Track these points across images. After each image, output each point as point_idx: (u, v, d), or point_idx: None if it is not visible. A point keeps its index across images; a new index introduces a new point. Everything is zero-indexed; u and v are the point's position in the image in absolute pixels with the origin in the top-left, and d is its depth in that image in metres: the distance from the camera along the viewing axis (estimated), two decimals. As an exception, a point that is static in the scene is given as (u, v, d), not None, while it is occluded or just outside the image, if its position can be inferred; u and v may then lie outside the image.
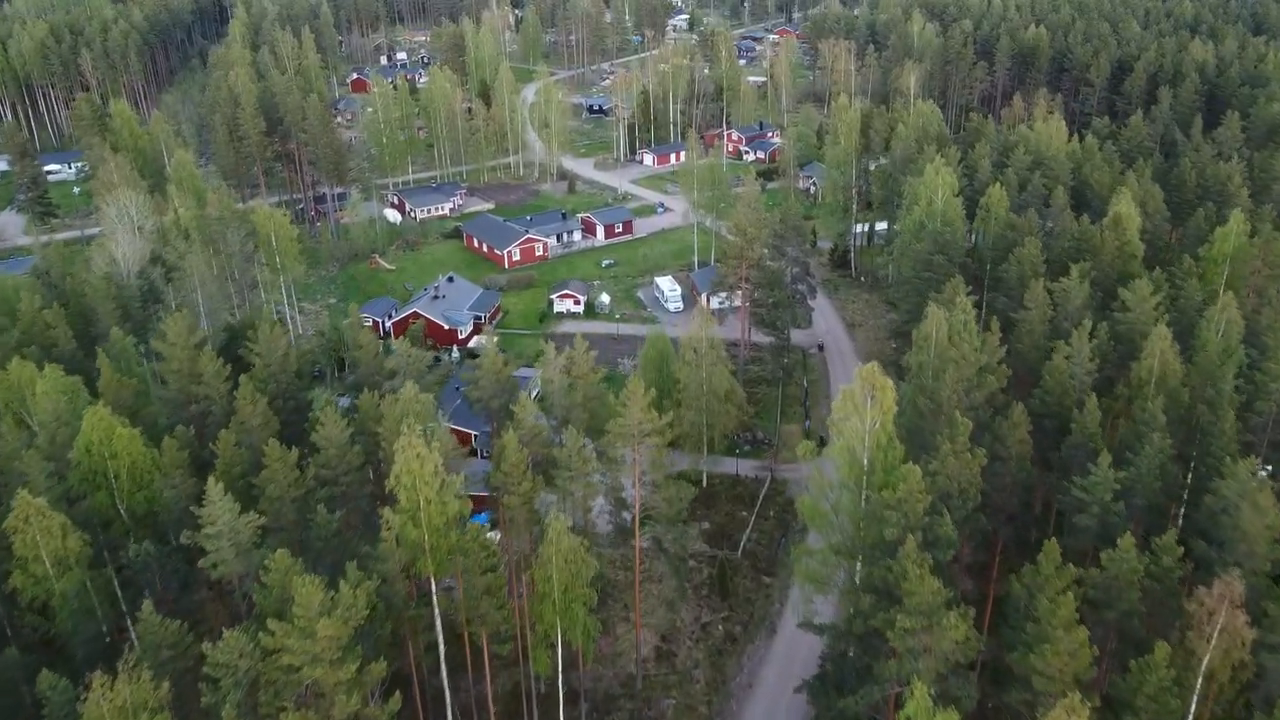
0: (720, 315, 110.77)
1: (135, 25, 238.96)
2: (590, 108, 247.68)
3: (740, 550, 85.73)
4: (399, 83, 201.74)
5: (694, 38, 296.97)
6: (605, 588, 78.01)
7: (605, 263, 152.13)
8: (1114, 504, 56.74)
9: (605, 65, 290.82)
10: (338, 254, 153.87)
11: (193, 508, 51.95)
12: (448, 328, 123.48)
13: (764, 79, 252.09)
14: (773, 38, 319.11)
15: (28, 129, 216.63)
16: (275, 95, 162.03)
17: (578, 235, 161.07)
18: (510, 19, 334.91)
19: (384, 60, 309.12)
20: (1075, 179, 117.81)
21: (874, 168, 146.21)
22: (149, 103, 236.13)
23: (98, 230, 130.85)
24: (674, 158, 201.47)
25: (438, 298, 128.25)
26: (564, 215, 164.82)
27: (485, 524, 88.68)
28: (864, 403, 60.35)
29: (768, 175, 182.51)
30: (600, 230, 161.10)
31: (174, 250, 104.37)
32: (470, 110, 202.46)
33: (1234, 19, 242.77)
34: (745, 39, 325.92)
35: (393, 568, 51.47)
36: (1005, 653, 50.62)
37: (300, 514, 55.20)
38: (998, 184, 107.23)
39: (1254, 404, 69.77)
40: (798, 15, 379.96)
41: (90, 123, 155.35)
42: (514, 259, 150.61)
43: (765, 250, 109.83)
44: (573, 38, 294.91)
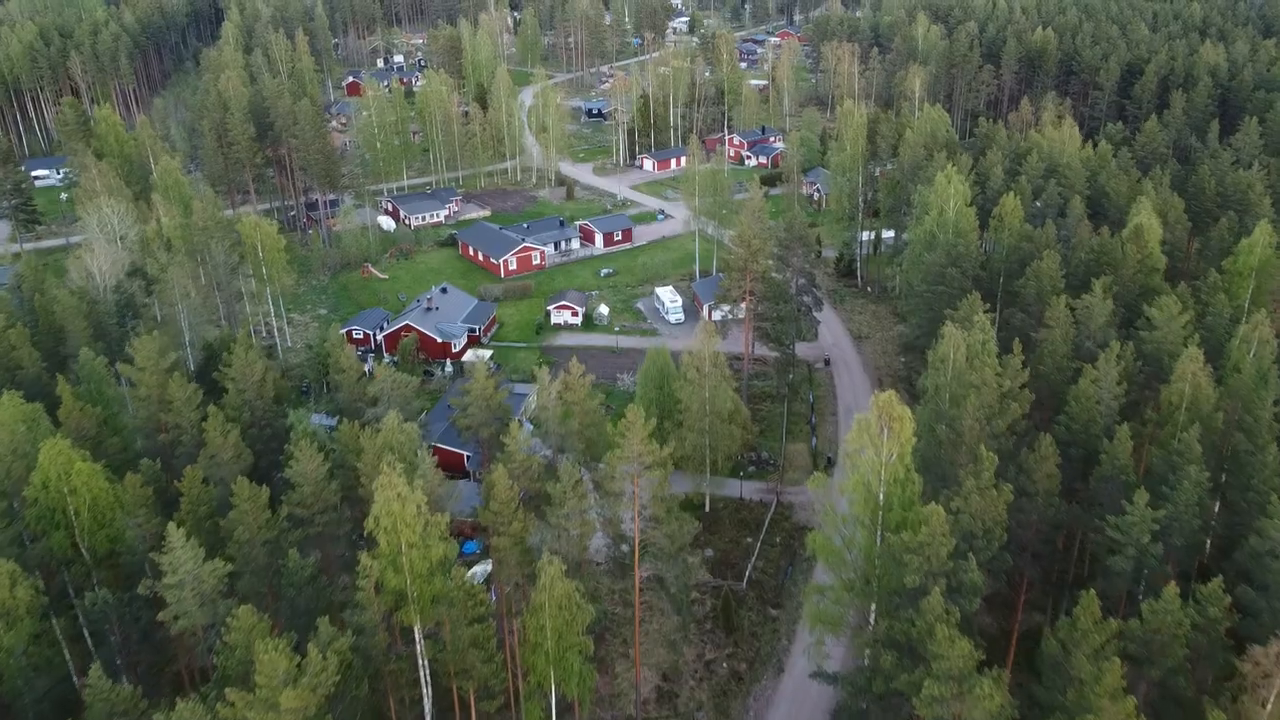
0: (723, 327, 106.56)
1: (126, 28, 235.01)
2: (589, 111, 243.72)
3: (745, 580, 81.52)
4: (394, 86, 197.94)
5: (694, 40, 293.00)
6: (603, 622, 73.86)
7: (604, 272, 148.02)
8: (1152, 545, 52.54)
9: (604, 68, 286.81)
10: (329, 262, 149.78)
11: (154, 554, 47.76)
12: (440, 341, 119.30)
13: (766, 82, 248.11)
14: (774, 40, 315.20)
15: (15, 133, 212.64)
16: (266, 99, 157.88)
17: (576, 243, 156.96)
18: (509, 21, 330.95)
19: (380, 63, 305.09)
20: (1091, 187, 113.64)
21: (879, 172, 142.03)
22: (141, 107, 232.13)
23: (82, 239, 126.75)
24: (675, 163, 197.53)
25: (430, 309, 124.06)
26: (562, 223, 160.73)
27: (477, 552, 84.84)
28: (880, 434, 56.32)
29: (770, 181, 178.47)
30: (599, 238, 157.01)
31: (155, 262, 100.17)
32: (467, 114, 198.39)
33: (1243, 21, 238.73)
34: (746, 41, 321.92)
35: (371, 619, 47.29)
36: (1039, 714, 46.39)
37: (272, 557, 50.99)
38: (1011, 193, 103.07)
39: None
40: (799, 17, 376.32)
41: (74, 128, 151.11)
42: (510, 268, 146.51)
43: (770, 262, 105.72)
44: (571, 40, 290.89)
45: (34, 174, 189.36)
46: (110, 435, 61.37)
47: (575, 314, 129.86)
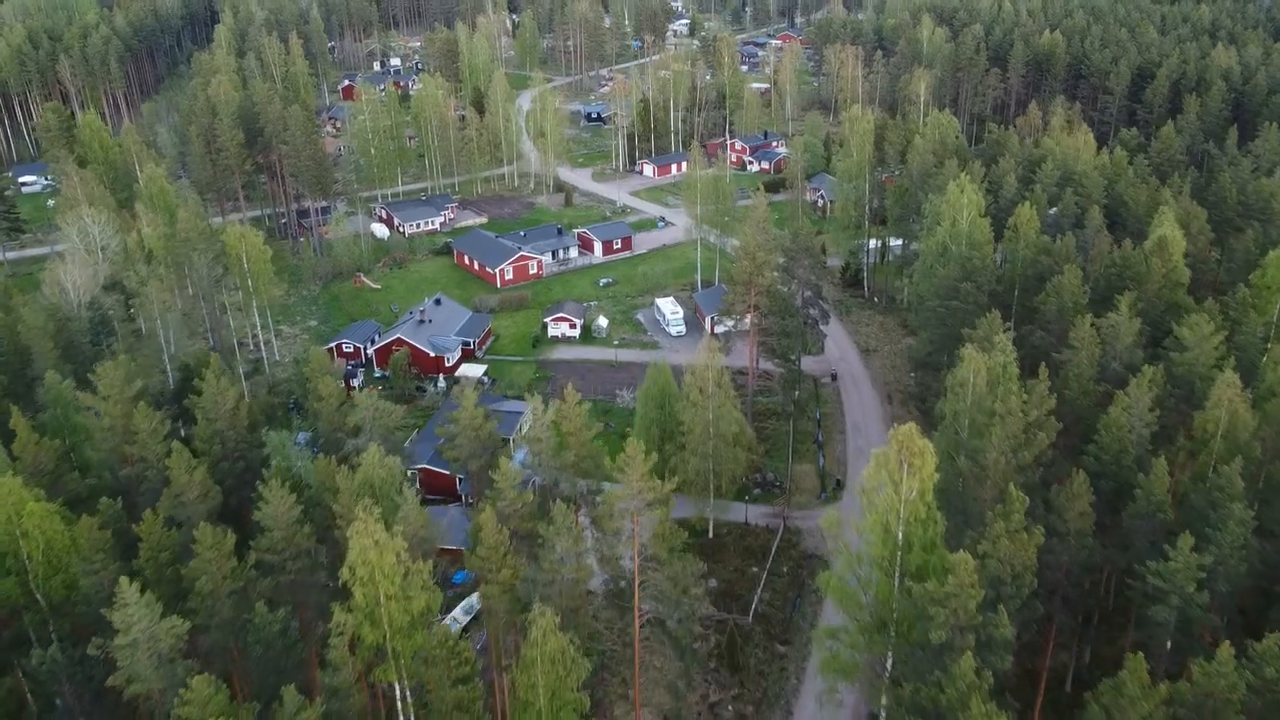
0: (726, 343, 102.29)
1: (117, 31, 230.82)
2: (588, 115, 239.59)
3: (751, 613, 77.26)
4: (389, 90, 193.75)
5: (695, 43, 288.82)
6: (600, 659, 69.69)
7: (603, 281, 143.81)
8: (1198, 594, 48.31)
9: (604, 71, 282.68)
10: (320, 272, 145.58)
11: (105, 610, 43.51)
12: (433, 355, 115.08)
13: (767, 86, 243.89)
14: (775, 43, 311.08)
15: (3, 139, 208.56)
16: (256, 104, 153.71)
17: (574, 252, 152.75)
18: (507, 24, 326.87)
19: (377, 66, 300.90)
20: (1108, 196, 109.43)
21: (885, 178, 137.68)
22: (134, 112, 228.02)
23: (62, 249, 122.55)
24: (675, 168, 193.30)
25: (423, 322, 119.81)
26: (560, 230, 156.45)
27: (467, 582, 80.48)
28: (899, 470, 52.10)
29: (773, 187, 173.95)
30: (598, 247, 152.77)
31: (134, 275, 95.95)
32: (463, 119, 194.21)
33: (1253, 24, 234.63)
34: (747, 44, 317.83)
35: (346, 680, 43.06)
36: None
37: (239, 610, 46.77)
38: (1027, 203, 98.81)
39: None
40: (800, 20, 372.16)
41: (57, 134, 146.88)
42: (507, 278, 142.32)
43: (775, 274, 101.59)
44: (570, 43, 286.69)
45: (21, 180, 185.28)
46: (70, 470, 57.15)
47: (573, 326, 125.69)
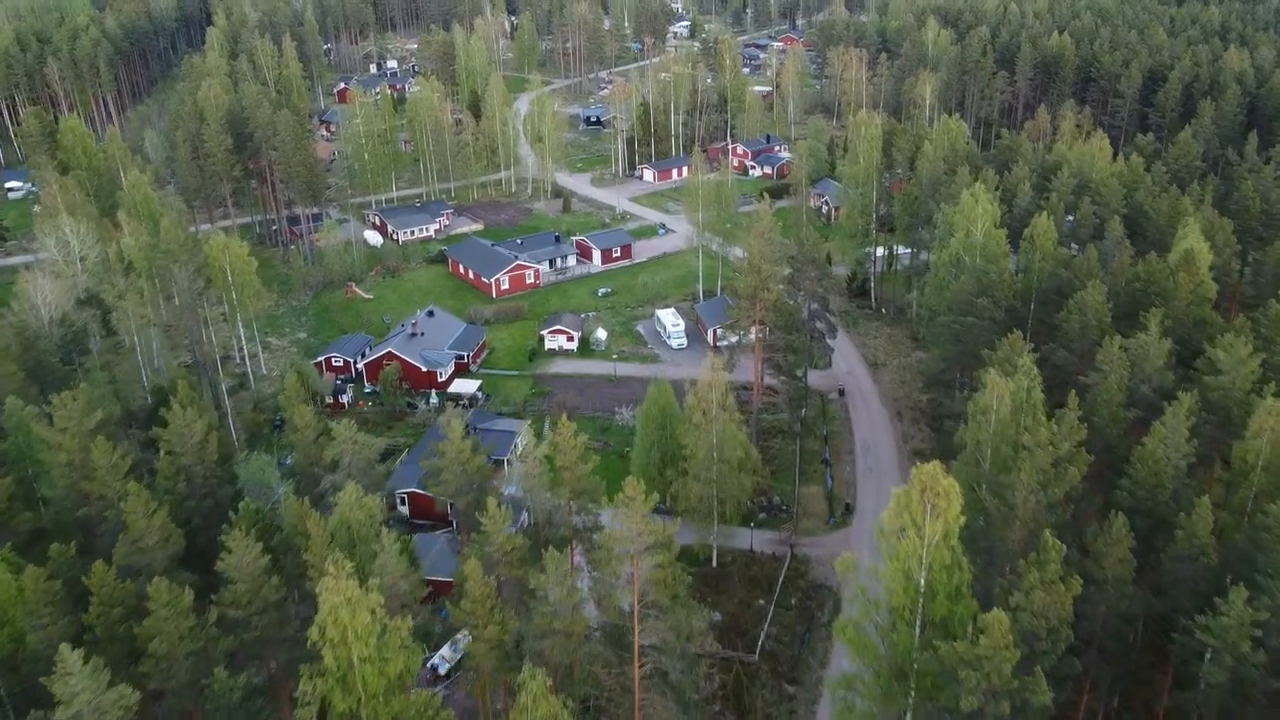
0: (729, 360, 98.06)
1: (108, 33, 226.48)
2: (587, 119, 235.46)
3: (758, 650, 72.98)
4: (383, 93, 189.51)
5: (696, 45, 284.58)
6: (595, 699, 65.40)
7: (601, 291, 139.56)
8: (1252, 652, 44.08)
9: (603, 74, 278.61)
10: (311, 281, 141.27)
11: (44, 679, 39.28)
12: (426, 370, 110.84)
13: (769, 89, 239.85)
14: (777, 45, 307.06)
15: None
16: (245, 108, 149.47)
17: (572, 260, 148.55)
18: (505, 25, 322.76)
19: (374, 69, 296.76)
20: (1127, 205, 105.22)
21: (891, 184, 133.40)
22: (124, 116, 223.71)
23: (39, 259, 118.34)
24: (676, 173, 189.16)
25: (415, 335, 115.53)
26: (558, 238, 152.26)
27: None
28: (923, 514, 47.87)
29: (776, 193, 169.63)
30: (596, 255, 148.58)
31: (111, 288, 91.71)
32: (459, 122, 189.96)
33: (1263, 26, 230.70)
34: (748, 46, 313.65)
35: (314, 753, 38.85)
36: None
37: (198, 672, 42.58)
38: (1044, 213, 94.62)
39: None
40: (802, 22, 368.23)
41: (39, 139, 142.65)
42: (503, 287, 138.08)
43: (781, 287, 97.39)
44: (569, 45, 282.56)
45: (7, 185, 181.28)
46: (23, 510, 52.87)
47: (571, 339, 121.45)
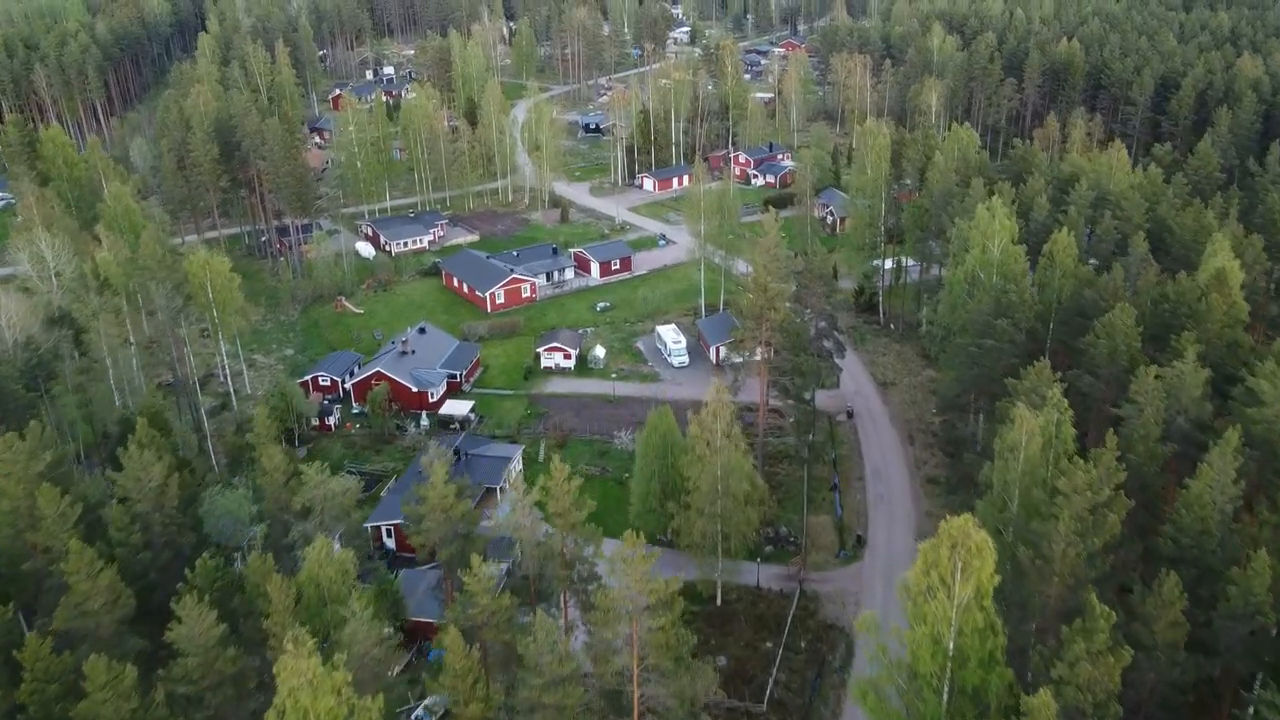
0: (734, 382, 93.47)
1: (98, 39, 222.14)
2: (586, 126, 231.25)
3: (766, 699, 68.29)
4: (376, 100, 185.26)
5: (697, 51, 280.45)
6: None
7: (600, 305, 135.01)
8: (1324, 734, 39.57)
9: (603, 80, 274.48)
10: (299, 295, 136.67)
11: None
12: (416, 390, 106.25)
13: (771, 95, 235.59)
14: (779, 51, 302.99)
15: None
16: (233, 116, 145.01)
17: (570, 273, 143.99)
18: (504, 31, 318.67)
19: (370, 75, 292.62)
20: (1149, 219, 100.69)
21: (898, 194, 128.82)
22: (111, 125, 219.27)
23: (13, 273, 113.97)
24: (677, 182, 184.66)
25: (406, 353, 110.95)
26: (555, 250, 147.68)
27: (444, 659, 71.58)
28: (953, 572, 43.34)
29: (780, 203, 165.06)
30: (595, 267, 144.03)
31: (83, 307, 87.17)
32: (455, 130, 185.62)
33: (1274, 32, 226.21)
34: (749, 52, 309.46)
35: None
36: None
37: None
38: (1064, 229, 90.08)
39: None
40: (803, 27, 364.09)
41: (19, 149, 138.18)
42: (498, 302, 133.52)
43: (788, 304, 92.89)
44: (568, 51, 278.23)
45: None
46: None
47: (568, 356, 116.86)
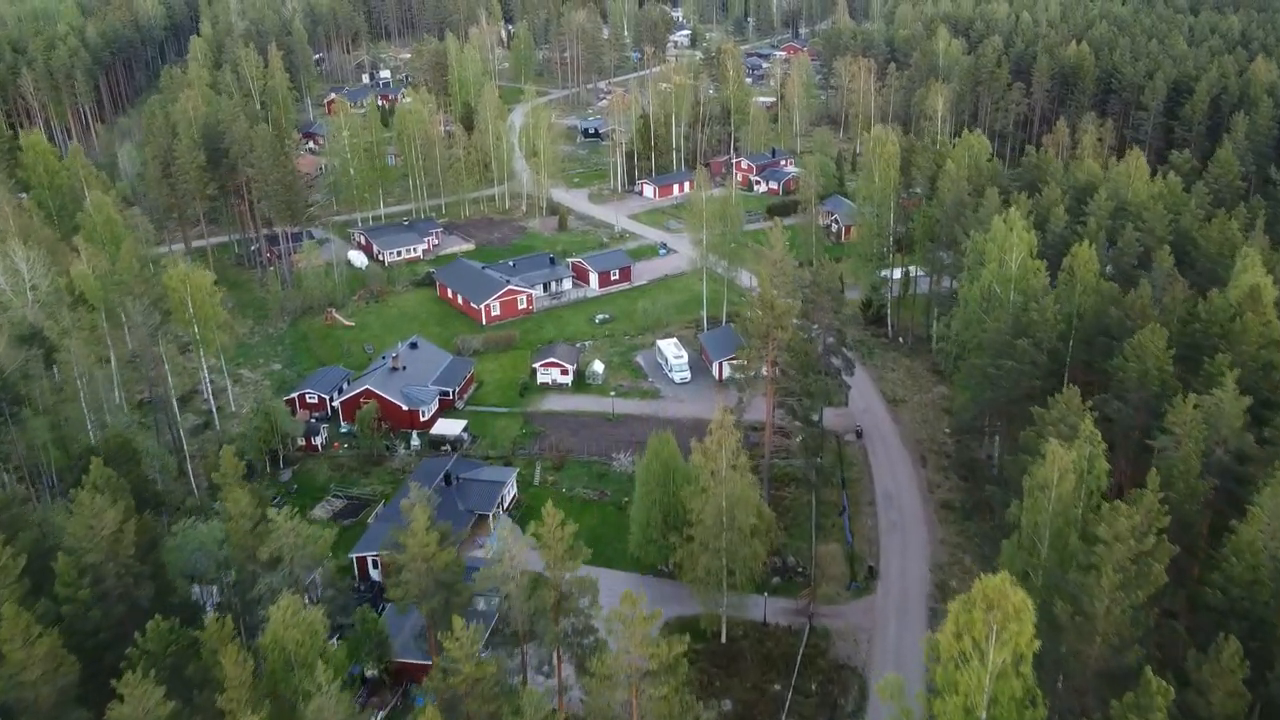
0: (740, 404, 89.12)
1: (88, 43, 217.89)
2: (585, 131, 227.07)
3: (775, 748, 64.14)
4: (370, 105, 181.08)
5: (697, 55, 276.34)
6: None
7: (599, 318, 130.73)
8: None
9: (602, 84, 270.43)
10: (289, 307, 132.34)
11: None
12: (407, 409, 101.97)
13: (773, 100, 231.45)
14: (781, 55, 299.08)
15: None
16: (221, 122, 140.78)
17: (568, 284, 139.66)
18: (502, 34, 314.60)
19: (366, 79, 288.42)
20: (1172, 231, 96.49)
21: (905, 201, 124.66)
22: (97, 130, 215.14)
23: None
24: (677, 188, 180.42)
25: (396, 369, 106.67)
26: (552, 260, 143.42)
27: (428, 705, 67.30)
28: (988, 637, 39.08)
29: (783, 210, 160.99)
30: (594, 278, 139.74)
31: (54, 325, 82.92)
32: (450, 135, 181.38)
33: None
34: (751, 56, 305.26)
35: None
36: None
37: None
38: (1084, 242, 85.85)
39: None
40: (805, 31, 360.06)
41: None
42: (493, 314, 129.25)
43: (795, 321, 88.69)
44: (567, 54, 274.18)
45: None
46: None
47: (565, 372, 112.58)
